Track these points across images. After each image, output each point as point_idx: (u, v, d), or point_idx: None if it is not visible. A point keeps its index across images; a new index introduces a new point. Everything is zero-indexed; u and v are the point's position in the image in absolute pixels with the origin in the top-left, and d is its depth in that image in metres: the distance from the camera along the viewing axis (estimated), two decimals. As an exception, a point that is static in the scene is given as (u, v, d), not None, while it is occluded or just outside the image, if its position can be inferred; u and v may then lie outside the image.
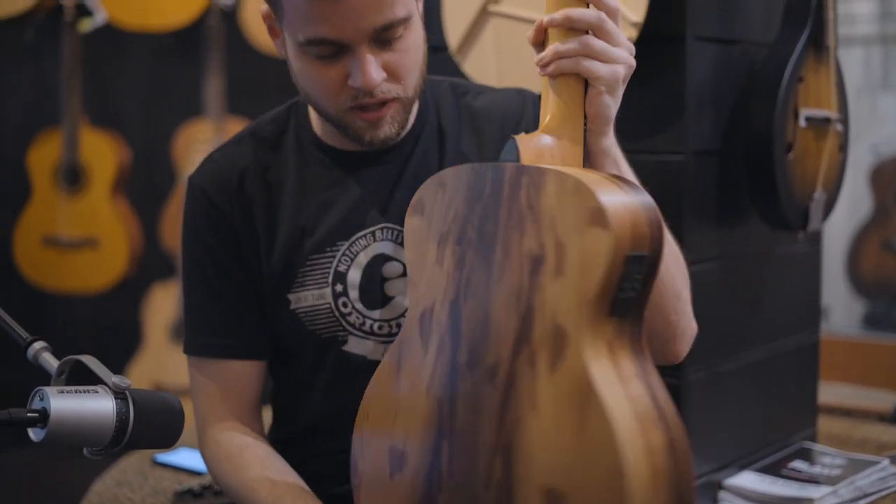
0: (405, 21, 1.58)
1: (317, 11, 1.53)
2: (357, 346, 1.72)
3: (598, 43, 1.43)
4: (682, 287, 1.63)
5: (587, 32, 1.44)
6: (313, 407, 1.77)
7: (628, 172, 1.55)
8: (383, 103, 1.61)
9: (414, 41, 1.61)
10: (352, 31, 1.53)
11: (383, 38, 1.57)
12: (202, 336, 1.77)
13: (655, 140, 1.60)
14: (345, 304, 1.71)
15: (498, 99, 1.81)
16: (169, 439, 1.31)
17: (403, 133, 1.71)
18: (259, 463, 1.71)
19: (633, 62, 1.47)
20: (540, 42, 1.47)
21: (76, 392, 1.24)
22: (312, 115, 1.77)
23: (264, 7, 1.66)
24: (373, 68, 1.56)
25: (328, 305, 1.71)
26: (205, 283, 1.77)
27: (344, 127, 1.65)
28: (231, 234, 1.74)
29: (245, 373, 1.77)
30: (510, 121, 1.77)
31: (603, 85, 1.44)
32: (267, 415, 1.87)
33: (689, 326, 1.67)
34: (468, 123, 1.78)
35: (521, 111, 1.78)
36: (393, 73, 1.60)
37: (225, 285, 1.75)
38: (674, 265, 1.60)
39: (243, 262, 1.74)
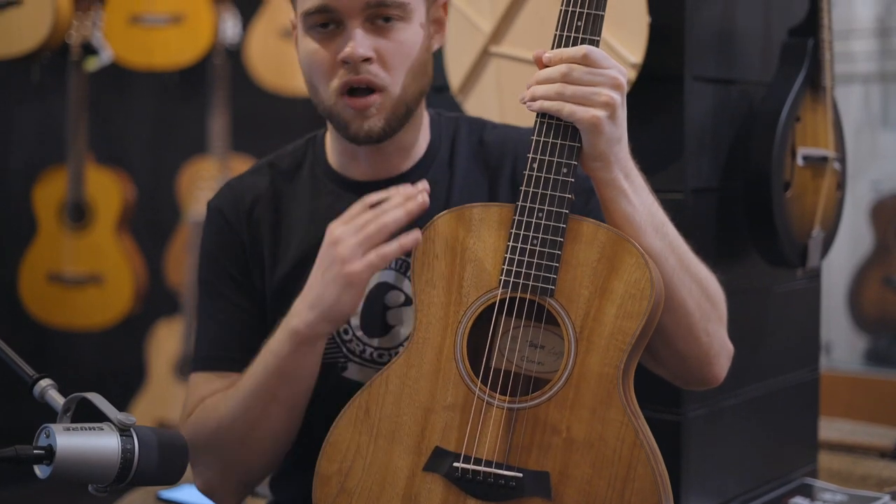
0: (400, 6, 1.66)
1: None
2: (357, 373, 1.74)
3: (570, 88, 1.51)
4: (711, 308, 1.65)
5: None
6: (313, 433, 1.79)
7: (644, 201, 1.59)
8: (370, 91, 1.66)
9: (410, 38, 1.69)
10: (347, 1, 1.63)
11: (377, 20, 1.65)
12: (208, 350, 1.81)
13: (654, 178, 1.62)
14: (345, 331, 1.74)
15: (512, 135, 1.84)
16: (173, 476, 1.33)
17: (392, 130, 1.71)
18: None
19: (615, 98, 1.52)
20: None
21: (82, 429, 1.26)
22: (328, 145, 1.82)
23: (292, 15, 1.76)
24: (360, 41, 1.64)
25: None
26: (214, 297, 1.81)
27: (336, 118, 1.70)
28: (241, 250, 1.80)
29: None
30: (523, 157, 1.79)
31: (583, 127, 1.51)
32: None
33: (723, 347, 1.70)
34: (480, 158, 1.81)
35: None
36: (382, 60, 1.66)
37: (231, 299, 1.80)
38: (699, 289, 1.63)
39: (251, 282, 1.79)
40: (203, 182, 4.38)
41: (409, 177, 1.78)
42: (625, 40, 1.95)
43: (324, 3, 1.65)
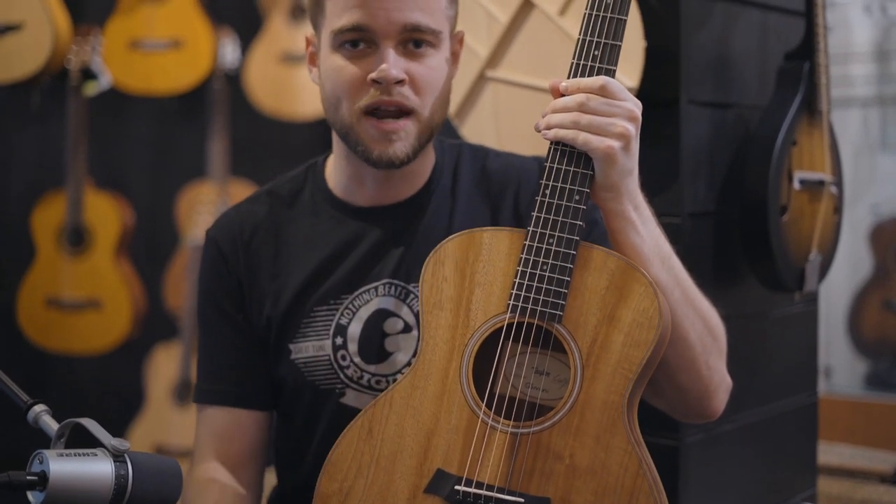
0: (434, 34, 1.67)
1: None
2: (354, 399, 1.74)
3: (586, 118, 1.51)
4: (712, 342, 1.66)
5: None
6: (310, 459, 1.79)
7: (651, 233, 1.59)
8: (399, 114, 1.66)
9: (440, 64, 1.70)
10: (384, 21, 1.63)
11: (409, 44, 1.66)
12: (203, 382, 1.83)
13: (651, 203, 1.62)
14: (343, 357, 1.74)
15: (515, 163, 1.84)
16: (168, 502, 1.32)
17: (414, 156, 1.71)
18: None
19: (630, 130, 1.52)
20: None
21: (75, 455, 1.25)
22: (329, 171, 1.82)
23: (309, 31, 1.77)
24: (394, 62, 1.64)
25: (327, 357, 1.74)
26: (208, 331, 1.83)
27: (355, 138, 1.69)
28: (236, 285, 1.80)
29: (238, 420, 1.80)
30: (525, 186, 1.80)
31: (597, 157, 1.50)
32: (271, 478, 1.88)
33: (722, 381, 1.70)
34: (482, 185, 1.82)
35: (536, 179, 1.79)
36: (414, 83, 1.67)
37: (225, 334, 1.80)
38: (701, 323, 1.63)
39: (245, 314, 1.79)
40: (202, 206, 4.37)
41: (412, 203, 1.78)
42: (621, 65, 1.95)
43: (360, 21, 1.64)
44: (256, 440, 1.81)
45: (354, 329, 1.74)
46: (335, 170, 1.81)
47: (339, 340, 1.74)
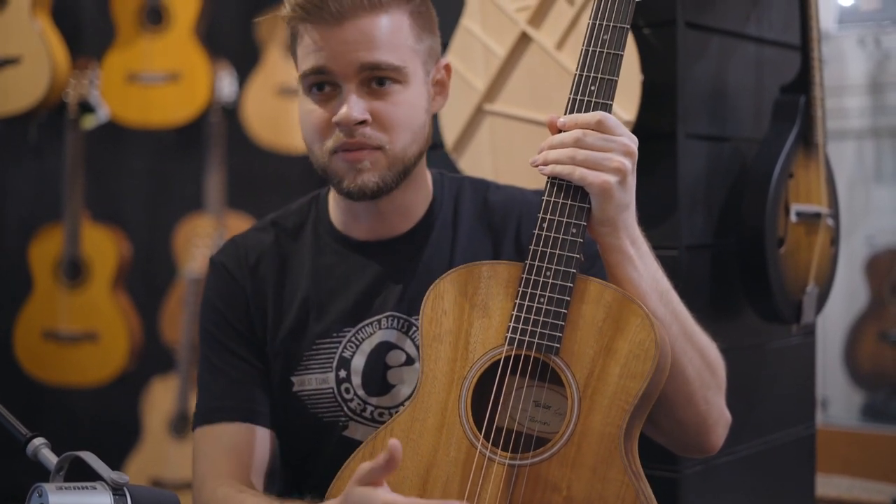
0: (396, 70, 1.66)
1: (318, 39, 1.65)
2: (358, 431, 1.75)
3: (582, 153, 1.52)
4: (710, 376, 1.66)
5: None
6: (314, 491, 1.78)
7: (648, 268, 1.59)
8: (363, 149, 1.67)
9: (409, 99, 1.69)
10: (342, 62, 1.64)
11: (372, 82, 1.66)
12: (211, 402, 1.78)
13: (649, 235, 1.63)
14: (347, 390, 1.74)
15: (516, 196, 1.85)
16: (166, 535, 1.32)
17: (387, 187, 1.71)
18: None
19: (626, 165, 1.53)
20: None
21: (74, 488, 1.25)
22: (331, 204, 1.83)
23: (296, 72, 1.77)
24: (354, 104, 1.65)
25: (331, 390, 1.74)
26: (217, 350, 1.80)
27: (331, 174, 1.71)
28: (244, 306, 1.80)
29: (251, 437, 1.76)
30: (527, 219, 1.80)
31: (594, 192, 1.51)
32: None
33: (721, 416, 1.70)
34: (484, 218, 1.82)
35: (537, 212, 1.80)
36: (379, 122, 1.67)
37: (235, 352, 1.79)
38: (699, 357, 1.63)
39: (254, 334, 1.79)
40: (199, 239, 4.38)
41: (411, 237, 1.79)
42: (618, 98, 1.96)
43: (319, 65, 1.66)
44: (264, 457, 1.78)
45: (358, 362, 1.74)
46: (334, 203, 1.83)
47: (342, 373, 1.74)
